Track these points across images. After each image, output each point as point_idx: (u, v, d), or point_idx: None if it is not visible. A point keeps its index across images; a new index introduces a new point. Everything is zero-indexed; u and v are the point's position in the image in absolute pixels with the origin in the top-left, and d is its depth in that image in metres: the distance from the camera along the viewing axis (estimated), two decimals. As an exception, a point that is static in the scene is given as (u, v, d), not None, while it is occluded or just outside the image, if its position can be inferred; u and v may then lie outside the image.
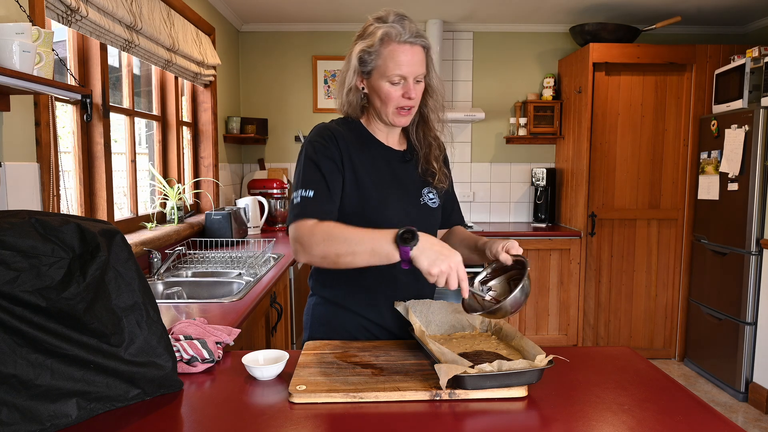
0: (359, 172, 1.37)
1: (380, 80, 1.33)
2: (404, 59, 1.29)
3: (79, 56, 2.27)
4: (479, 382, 1.05)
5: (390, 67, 1.30)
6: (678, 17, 3.75)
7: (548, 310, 3.99)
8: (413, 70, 1.31)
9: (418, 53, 1.32)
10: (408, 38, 1.29)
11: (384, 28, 1.30)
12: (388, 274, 1.41)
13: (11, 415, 0.90)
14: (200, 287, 2.37)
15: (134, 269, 1.08)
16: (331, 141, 1.35)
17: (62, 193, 1.90)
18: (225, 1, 3.71)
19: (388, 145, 1.45)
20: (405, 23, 1.30)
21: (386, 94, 1.33)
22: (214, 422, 0.99)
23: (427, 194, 1.46)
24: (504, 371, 1.05)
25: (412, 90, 1.33)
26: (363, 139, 1.43)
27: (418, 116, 1.45)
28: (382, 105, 1.36)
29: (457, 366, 1.05)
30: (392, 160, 1.44)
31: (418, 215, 1.44)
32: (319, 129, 1.40)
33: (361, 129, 1.44)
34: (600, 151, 3.89)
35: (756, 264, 3.23)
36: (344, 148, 1.36)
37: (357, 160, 1.37)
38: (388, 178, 1.41)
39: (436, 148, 1.47)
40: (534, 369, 1.06)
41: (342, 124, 1.44)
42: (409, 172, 1.46)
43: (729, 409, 3.21)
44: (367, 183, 1.37)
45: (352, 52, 1.35)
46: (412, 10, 3.89)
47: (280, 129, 4.38)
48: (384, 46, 1.30)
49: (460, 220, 1.62)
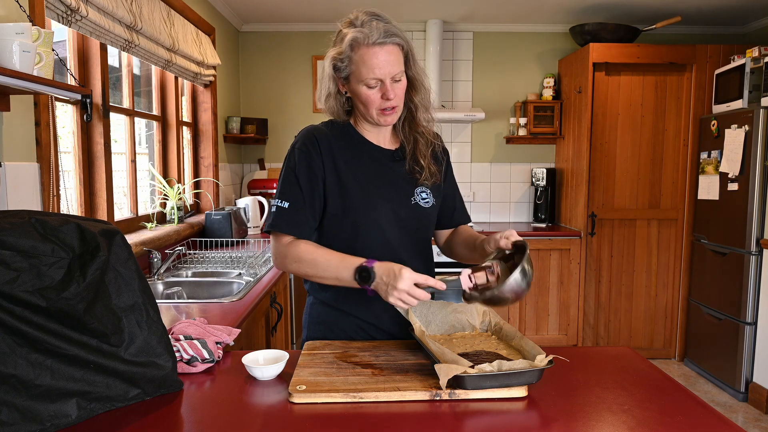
0: (344, 174, 1.37)
1: (357, 85, 1.31)
2: (376, 62, 1.27)
3: (79, 56, 2.27)
4: (479, 382, 1.05)
5: (363, 72, 1.28)
6: (678, 17, 3.75)
7: (548, 310, 3.99)
8: (387, 71, 1.28)
9: (392, 52, 1.28)
10: (377, 39, 1.26)
11: (352, 33, 1.27)
12: None
13: (11, 415, 0.90)
14: (200, 287, 2.37)
15: (134, 269, 1.08)
16: (313, 148, 1.37)
17: (62, 193, 1.90)
18: (225, 1, 3.71)
19: (377, 144, 1.44)
20: (374, 24, 1.27)
21: (365, 98, 1.32)
22: (214, 422, 0.99)
23: (419, 194, 1.44)
24: (504, 371, 1.05)
25: (390, 91, 1.30)
26: (351, 141, 1.42)
27: (406, 111, 1.43)
28: (365, 108, 1.35)
29: (457, 366, 1.05)
30: (382, 160, 1.43)
31: (408, 215, 1.42)
32: (303, 134, 1.41)
33: (349, 130, 1.44)
34: (600, 151, 3.89)
35: (756, 264, 3.23)
36: (327, 153, 1.37)
37: (342, 163, 1.38)
38: (375, 179, 1.40)
39: (423, 143, 1.44)
40: (534, 369, 1.06)
41: (330, 125, 1.44)
42: (399, 172, 1.44)
43: (729, 409, 3.21)
44: (352, 186, 1.37)
45: (325, 60, 1.35)
46: (412, 10, 3.90)
47: (280, 129, 4.38)
48: (354, 52, 1.28)
49: (464, 218, 1.59)
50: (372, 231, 1.39)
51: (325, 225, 1.42)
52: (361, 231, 1.39)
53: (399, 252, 1.42)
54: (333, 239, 1.42)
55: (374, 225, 1.39)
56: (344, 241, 1.41)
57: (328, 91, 1.37)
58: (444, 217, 1.55)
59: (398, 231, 1.41)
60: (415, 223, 1.43)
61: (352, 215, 1.37)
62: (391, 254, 1.41)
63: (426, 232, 1.48)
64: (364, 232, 1.39)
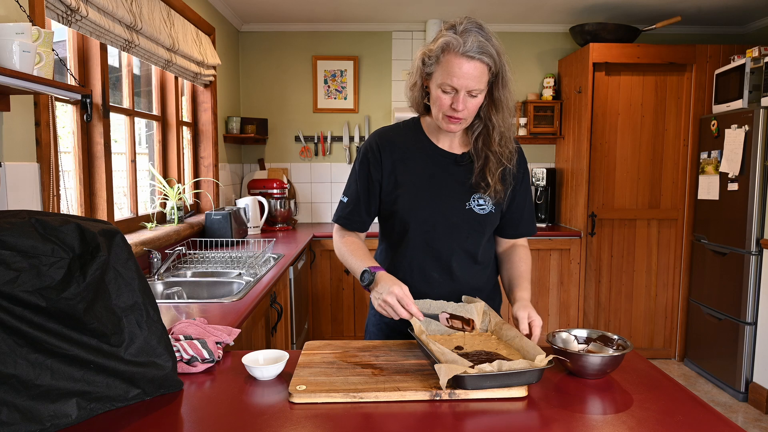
0: (400, 176, 1.46)
1: (434, 85, 1.36)
2: (458, 71, 1.29)
3: (79, 56, 2.27)
4: (479, 382, 1.05)
5: (443, 75, 1.32)
6: (678, 17, 3.75)
7: (548, 310, 3.99)
8: (466, 83, 1.30)
9: (477, 68, 1.30)
10: (467, 51, 1.28)
11: (447, 37, 1.30)
12: (420, 271, 1.49)
13: (11, 415, 0.90)
14: (200, 287, 2.37)
15: (134, 269, 1.08)
16: (373, 154, 1.49)
17: (62, 193, 1.90)
18: (225, 1, 3.71)
19: (440, 146, 1.48)
20: (471, 35, 1.29)
21: (436, 99, 1.36)
22: (214, 422, 0.99)
23: (476, 200, 1.46)
24: (504, 371, 1.05)
25: (461, 102, 1.33)
26: (416, 142, 1.49)
27: (481, 126, 1.44)
28: (433, 108, 1.39)
29: (457, 366, 1.05)
30: (443, 163, 1.47)
31: (460, 220, 1.46)
32: (370, 138, 1.52)
33: (417, 131, 1.51)
34: (600, 151, 3.89)
35: (756, 264, 3.23)
36: (388, 156, 1.48)
37: (401, 165, 1.47)
38: (430, 181, 1.46)
39: (494, 162, 1.44)
40: (534, 369, 1.06)
41: (399, 128, 1.53)
42: (459, 176, 1.47)
43: (729, 409, 3.21)
44: (406, 187, 1.46)
45: (418, 52, 1.40)
46: (412, 10, 3.90)
47: (280, 129, 4.38)
48: (443, 54, 1.31)
49: (526, 231, 1.59)
50: (418, 232, 1.46)
51: (384, 221, 1.54)
52: (408, 230, 1.47)
53: (444, 254, 1.48)
54: (388, 235, 1.54)
55: (421, 226, 1.46)
56: (395, 238, 1.52)
57: (414, 81, 1.43)
58: (506, 228, 1.57)
59: (447, 234, 1.47)
60: (467, 228, 1.47)
61: (401, 215, 1.47)
62: (436, 256, 1.48)
63: (478, 238, 1.50)
64: (410, 231, 1.47)
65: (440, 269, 1.49)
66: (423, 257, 1.49)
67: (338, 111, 4.34)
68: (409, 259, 1.50)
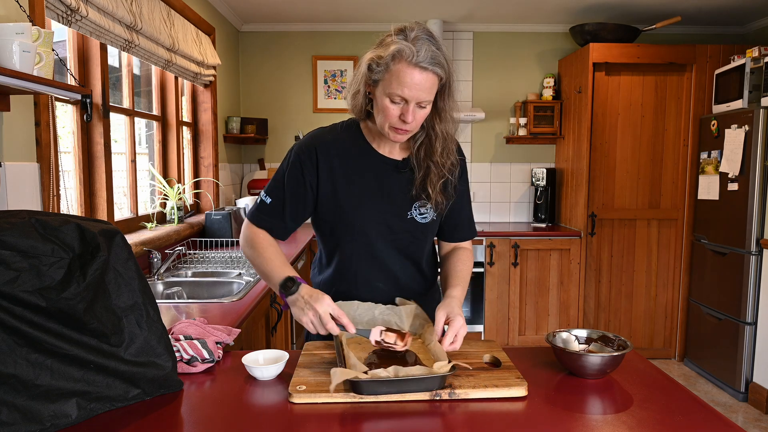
0: (339, 183, 1.38)
1: (382, 94, 1.28)
2: (409, 82, 1.22)
3: (79, 56, 2.27)
4: (374, 388, 1.04)
5: (393, 85, 1.24)
6: (678, 17, 3.75)
7: (548, 310, 3.99)
8: (416, 95, 1.24)
9: (429, 79, 1.24)
10: (420, 62, 1.21)
11: (399, 44, 1.22)
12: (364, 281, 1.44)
13: (11, 415, 0.90)
14: (200, 287, 2.37)
15: (134, 269, 1.08)
16: (309, 159, 1.38)
17: (62, 193, 1.90)
18: (225, 1, 3.71)
19: (382, 153, 1.41)
20: (424, 45, 1.22)
21: (383, 109, 1.28)
22: (214, 422, 0.99)
23: (418, 208, 1.41)
24: (401, 377, 1.04)
25: (410, 114, 1.26)
26: (356, 147, 1.41)
27: (424, 135, 1.38)
28: (380, 118, 1.31)
29: (350, 371, 1.04)
30: (382, 169, 1.40)
31: (402, 228, 1.41)
32: (304, 142, 1.41)
33: (357, 137, 1.42)
34: (600, 151, 3.89)
35: (756, 264, 3.23)
36: (325, 162, 1.38)
37: (340, 171, 1.38)
38: (372, 189, 1.39)
39: (436, 174, 1.38)
40: (433, 376, 1.05)
41: (338, 130, 1.43)
42: (401, 184, 1.41)
43: (729, 409, 3.21)
44: (345, 195, 1.38)
45: (363, 57, 1.31)
46: (412, 10, 3.90)
47: (280, 129, 4.38)
48: (394, 63, 1.23)
49: (466, 235, 1.55)
50: (359, 240, 1.41)
51: (320, 228, 1.46)
52: (349, 239, 1.41)
53: (387, 263, 1.43)
54: (325, 243, 1.47)
55: (362, 235, 1.40)
56: (333, 246, 1.45)
57: (357, 88, 1.35)
58: (446, 232, 1.53)
59: (389, 243, 1.42)
60: (408, 236, 1.43)
61: (341, 223, 1.40)
62: (378, 265, 1.43)
63: (421, 245, 1.47)
64: (352, 241, 1.41)
65: (384, 278, 1.44)
66: (367, 267, 1.43)
67: (338, 111, 4.34)
68: (354, 270, 1.44)
